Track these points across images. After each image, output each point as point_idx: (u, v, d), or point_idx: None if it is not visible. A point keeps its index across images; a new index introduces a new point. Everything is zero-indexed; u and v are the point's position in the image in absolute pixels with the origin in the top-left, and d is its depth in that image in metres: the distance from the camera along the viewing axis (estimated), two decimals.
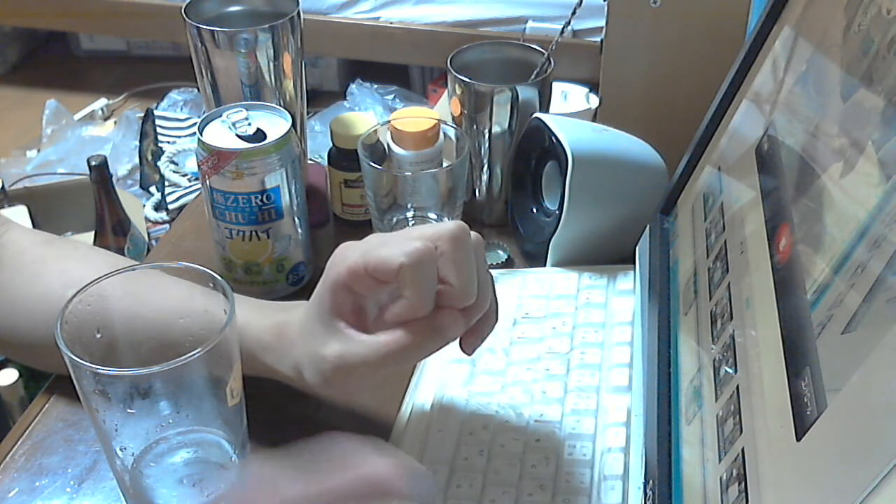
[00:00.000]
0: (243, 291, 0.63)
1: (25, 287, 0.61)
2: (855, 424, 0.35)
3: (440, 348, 0.50)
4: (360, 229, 0.73)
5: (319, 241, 0.78)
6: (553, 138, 0.71)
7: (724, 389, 0.48)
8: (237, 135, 0.67)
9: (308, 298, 0.54)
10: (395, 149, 0.76)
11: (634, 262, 0.69)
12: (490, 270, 0.53)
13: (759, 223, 0.51)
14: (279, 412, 0.63)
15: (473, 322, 0.51)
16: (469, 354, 0.54)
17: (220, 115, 0.68)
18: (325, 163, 0.81)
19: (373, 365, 0.50)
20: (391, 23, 2.19)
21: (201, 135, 0.67)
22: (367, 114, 0.86)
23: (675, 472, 0.50)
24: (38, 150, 2.28)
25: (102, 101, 2.51)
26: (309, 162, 0.90)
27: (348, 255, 0.50)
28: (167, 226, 1.93)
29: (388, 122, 0.76)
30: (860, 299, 0.38)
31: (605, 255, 0.73)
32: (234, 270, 0.72)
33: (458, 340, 0.53)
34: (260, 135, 0.67)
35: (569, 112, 0.92)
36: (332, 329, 0.51)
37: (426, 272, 0.48)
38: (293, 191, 0.69)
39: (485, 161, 0.79)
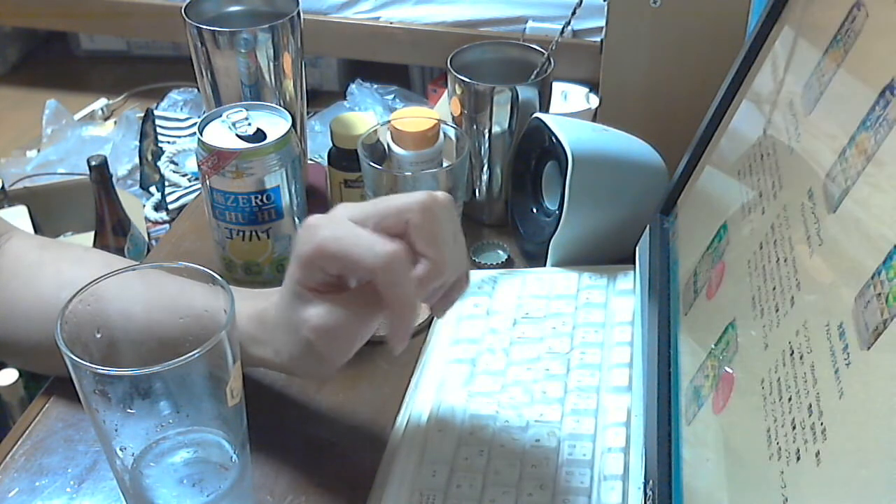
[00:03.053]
0: None
1: (21, 290, 0.61)
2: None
3: (414, 302, 0.49)
4: None
5: None
6: (553, 138, 0.71)
7: None
8: (237, 135, 0.67)
9: None
10: (395, 149, 0.76)
11: (634, 262, 0.69)
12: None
13: (759, 223, 0.51)
14: (279, 412, 0.63)
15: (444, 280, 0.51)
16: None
17: (220, 115, 0.68)
18: (325, 163, 0.81)
19: (353, 320, 0.49)
20: (391, 23, 2.19)
21: (201, 135, 0.67)
22: (367, 114, 0.86)
23: (675, 472, 0.50)
24: (38, 150, 2.28)
25: (102, 101, 2.51)
26: (309, 162, 0.90)
27: (317, 233, 0.49)
28: (167, 226, 1.93)
29: (388, 122, 0.76)
30: None
31: (605, 255, 0.73)
32: (234, 270, 0.72)
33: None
34: (260, 135, 0.67)
35: (569, 112, 0.92)
36: (306, 298, 0.50)
37: (402, 273, 0.48)
38: (293, 191, 0.69)
39: (485, 161, 0.79)
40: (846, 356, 0.36)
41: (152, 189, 2.08)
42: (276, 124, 0.68)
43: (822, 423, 0.37)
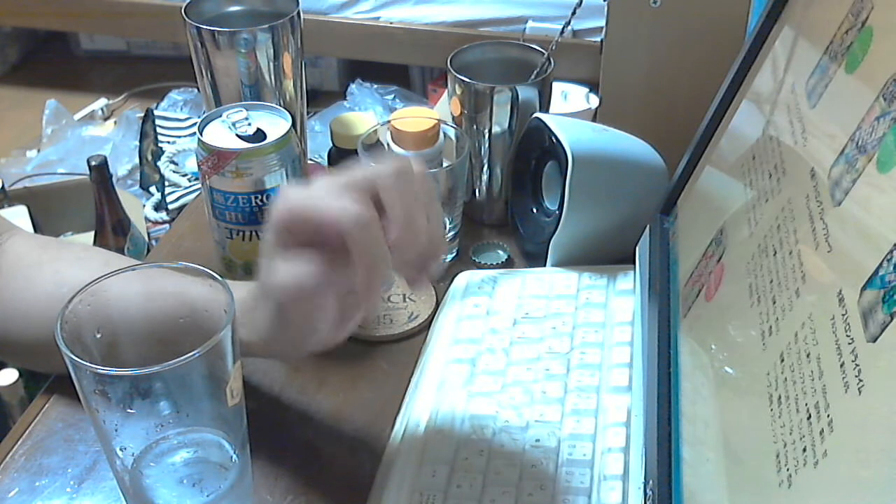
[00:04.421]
0: None
1: (20, 291, 0.61)
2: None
3: (384, 261, 0.48)
4: None
5: None
6: (553, 138, 0.71)
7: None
8: (237, 135, 0.67)
9: None
10: (395, 149, 0.76)
11: (634, 262, 0.69)
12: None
13: (761, 221, 0.51)
14: (279, 412, 0.63)
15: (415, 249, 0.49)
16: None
17: (220, 115, 0.68)
18: (325, 163, 0.81)
19: (321, 277, 0.48)
20: (391, 23, 2.19)
21: (201, 135, 0.67)
22: (367, 114, 0.86)
23: (675, 472, 0.50)
24: (38, 150, 2.28)
25: (102, 101, 2.51)
26: (309, 162, 0.90)
27: (290, 196, 0.49)
28: (167, 226, 1.93)
29: (388, 122, 0.76)
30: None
31: (605, 255, 0.73)
32: (234, 270, 0.72)
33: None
34: (260, 135, 0.67)
35: (569, 112, 0.92)
36: (277, 261, 0.49)
37: (371, 230, 0.47)
38: None
39: (485, 161, 0.79)
40: (852, 350, 0.36)
41: (152, 189, 2.08)
42: (276, 124, 0.68)
43: (823, 425, 0.37)
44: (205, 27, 0.74)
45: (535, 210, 0.77)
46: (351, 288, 0.49)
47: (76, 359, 0.44)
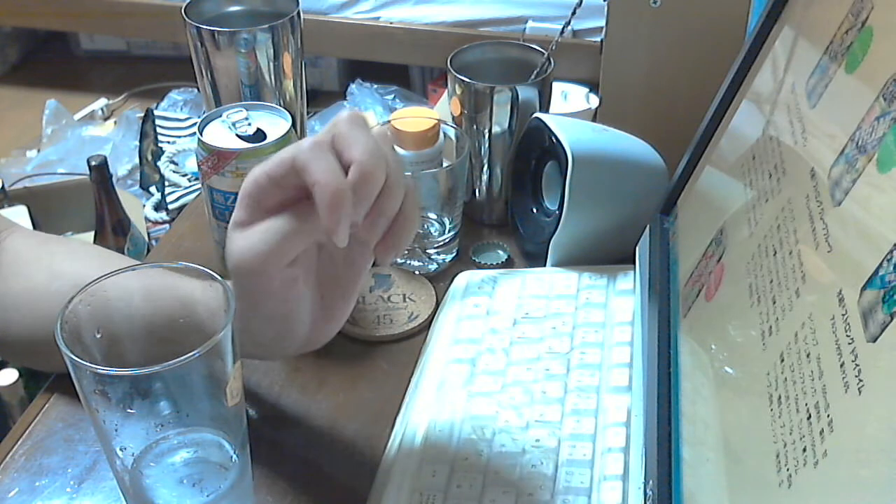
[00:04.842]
0: None
1: (19, 288, 0.61)
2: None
3: (341, 188, 0.46)
4: None
5: None
6: (553, 138, 0.71)
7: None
8: (237, 135, 0.67)
9: None
10: (396, 149, 0.76)
11: (634, 262, 0.69)
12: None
13: (761, 221, 0.51)
14: (279, 412, 0.63)
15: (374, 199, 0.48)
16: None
17: (220, 115, 0.68)
18: None
19: (279, 231, 0.48)
20: (391, 23, 2.19)
21: (201, 135, 0.67)
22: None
23: (675, 472, 0.50)
24: (38, 150, 2.28)
25: (102, 101, 2.51)
26: None
27: (254, 170, 0.49)
28: (167, 226, 1.93)
29: (388, 122, 0.76)
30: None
31: (605, 255, 0.73)
32: None
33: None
34: (260, 135, 0.67)
35: (569, 112, 0.92)
36: (235, 235, 0.49)
37: (320, 156, 0.46)
38: None
39: (485, 161, 0.79)
40: (852, 350, 0.36)
41: (152, 189, 2.08)
42: (276, 124, 0.68)
43: (823, 425, 0.37)
44: (205, 27, 0.74)
45: (535, 210, 0.77)
46: (315, 236, 0.48)
47: (76, 359, 0.44)
